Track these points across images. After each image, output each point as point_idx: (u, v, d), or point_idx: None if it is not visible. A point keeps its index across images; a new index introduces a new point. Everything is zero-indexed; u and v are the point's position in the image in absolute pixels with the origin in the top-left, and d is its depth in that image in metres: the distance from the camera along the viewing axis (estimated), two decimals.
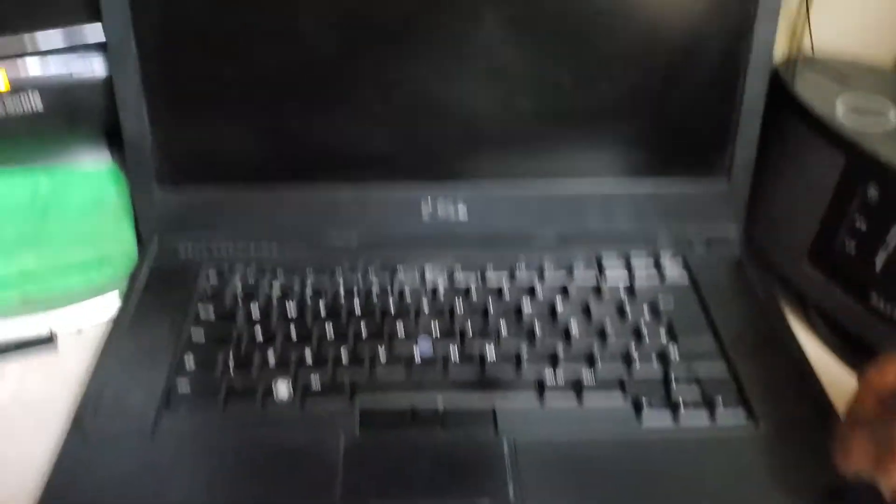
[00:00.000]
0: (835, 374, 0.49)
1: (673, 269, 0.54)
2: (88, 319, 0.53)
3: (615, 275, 0.53)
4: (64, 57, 0.53)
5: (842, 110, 0.52)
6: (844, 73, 0.57)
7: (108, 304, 0.53)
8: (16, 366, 0.50)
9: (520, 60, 0.52)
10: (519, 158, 0.55)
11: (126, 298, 0.52)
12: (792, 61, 0.59)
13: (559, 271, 0.53)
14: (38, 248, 0.53)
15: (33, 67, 0.52)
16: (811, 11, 0.59)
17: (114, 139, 0.62)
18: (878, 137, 0.50)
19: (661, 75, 0.52)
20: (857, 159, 0.49)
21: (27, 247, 0.53)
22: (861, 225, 0.50)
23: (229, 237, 0.55)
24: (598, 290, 0.52)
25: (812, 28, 0.60)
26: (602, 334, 0.49)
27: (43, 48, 0.51)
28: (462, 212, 0.56)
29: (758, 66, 0.52)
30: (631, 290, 0.53)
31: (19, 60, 0.52)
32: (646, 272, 0.54)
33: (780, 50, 0.61)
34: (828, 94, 0.54)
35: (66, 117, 0.55)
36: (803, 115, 0.53)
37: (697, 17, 0.51)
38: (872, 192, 0.49)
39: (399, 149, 0.54)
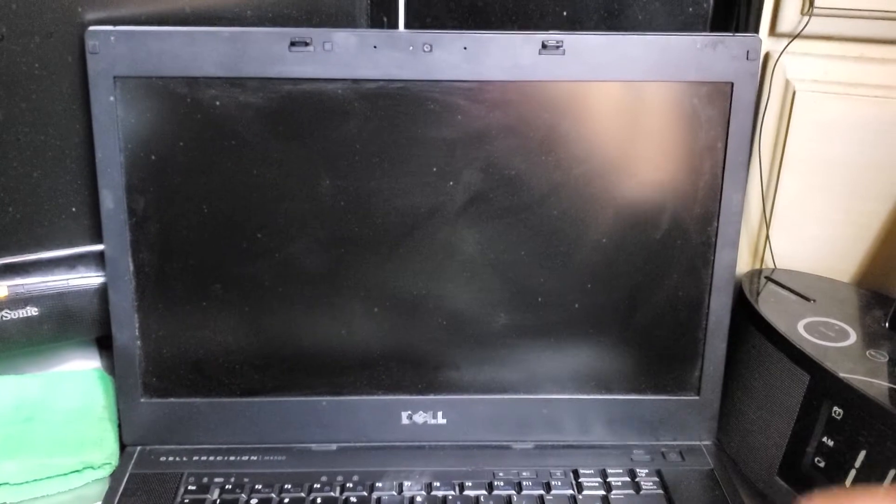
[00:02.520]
0: None
1: (648, 483, 0.54)
2: None
3: (592, 490, 0.54)
4: (61, 268, 0.56)
5: (804, 328, 0.55)
6: (805, 288, 0.60)
7: None
8: None
9: (497, 279, 0.55)
10: (496, 372, 0.57)
11: None
12: (755, 276, 0.63)
13: (537, 487, 0.54)
14: (20, 456, 0.54)
15: (32, 279, 0.55)
16: (771, 229, 0.63)
17: (103, 343, 0.64)
18: (839, 356, 0.52)
19: (630, 297, 0.55)
20: (820, 379, 0.51)
21: (10, 455, 0.54)
22: (829, 441, 0.51)
23: (211, 446, 0.56)
24: None
25: (772, 244, 0.64)
26: None
27: (43, 266, 0.55)
28: (441, 420, 0.57)
29: (721, 287, 0.55)
30: None
31: (20, 273, 0.55)
32: (622, 487, 0.54)
33: (744, 263, 0.65)
34: (790, 312, 0.57)
35: (60, 323, 0.57)
36: (768, 332, 0.55)
37: (662, 243, 0.54)
38: (837, 411, 0.50)
39: (380, 361, 0.56)
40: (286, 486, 0.53)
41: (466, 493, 0.53)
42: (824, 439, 0.51)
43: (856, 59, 0.59)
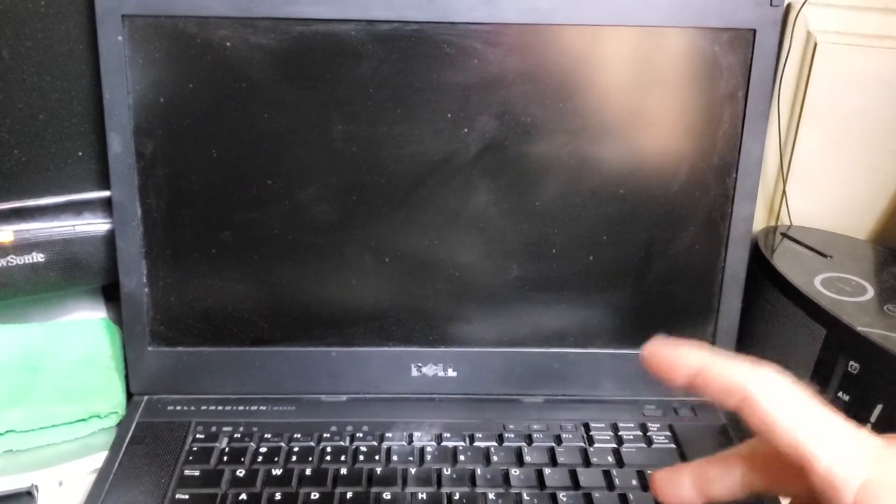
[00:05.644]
0: None
1: (660, 437, 0.54)
2: (72, 471, 0.52)
3: (603, 443, 0.53)
4: (67, 214, 0.55)
5: (821, 284, 0.54)
6: (822, 244, 0.60)
7: (93, 457, 0.53)
8: None
9: (510, 231, 0.54)
10: (507, 325, 0.56)
11: (111, 452, 0.52)
12: (771, 233, 0.62)
13: (547, 439, 0.53)
14: (26, 404, 0.53)
15: (38, 224, 0.54)
16: (787, 185, 0.62)
17: (109, 293, 0.63)
18: (856, 310, 0.52)
19: (646, 250, 0.55)
20: (837, 333, 0.51)
21: (15, 403, 0.53)
22: (844, 396, 0.51)
23: (219, 395, 0.56)
24: (586, 459, 0.52)
25: (789, 201, 0.63)
26: None
27: (49, 211, 0.54)
28: (451, 373, 0.56)
29: (738, 240, 0.54)
30: (619, 458, 0.52)
31: (25, 218, 0.54)
32: (634, 441, 0.53)
33: (759, 220, 0.64)
34: (807, 267, 0.56)
35: (66, 270, 0.56)
36: (784, 287, 0.55)
37: (679, 194, 0.53)
38: (853, 364, 0.50)
39: (390, 312, 0.55)
40: (296, 436, 0.53)
41: (476, 444, 0.53)
42: (840, 394, 0.51)
43: (880, 10, 0.57)
